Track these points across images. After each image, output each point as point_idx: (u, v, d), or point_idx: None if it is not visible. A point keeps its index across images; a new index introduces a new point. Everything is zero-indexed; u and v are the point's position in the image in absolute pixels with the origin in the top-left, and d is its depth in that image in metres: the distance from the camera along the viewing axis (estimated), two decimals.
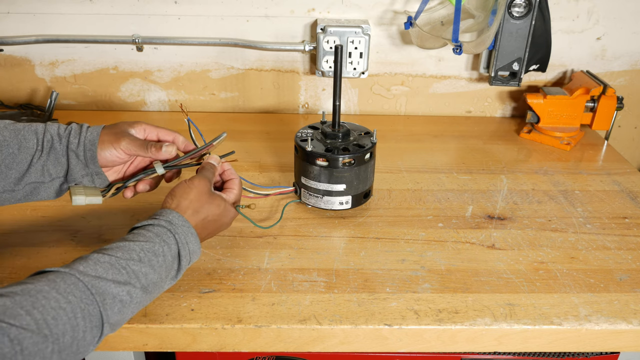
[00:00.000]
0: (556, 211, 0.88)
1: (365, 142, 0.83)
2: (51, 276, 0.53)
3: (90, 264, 0.56)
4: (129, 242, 0.60)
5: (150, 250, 0.60)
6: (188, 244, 0.63)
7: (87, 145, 0.68)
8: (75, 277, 0.54)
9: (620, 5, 1.14)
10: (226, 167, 0.75)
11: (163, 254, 0.61)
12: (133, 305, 0.57)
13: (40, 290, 0.51)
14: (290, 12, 1.13)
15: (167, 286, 0.63)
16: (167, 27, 1.13)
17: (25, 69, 1.18)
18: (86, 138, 0.69)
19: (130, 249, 0.59)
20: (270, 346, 0.66)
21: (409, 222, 0.84)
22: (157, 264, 0.60)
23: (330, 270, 0.73)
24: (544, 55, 1.11)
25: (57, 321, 0.50)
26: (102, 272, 0.55)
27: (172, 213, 0.64)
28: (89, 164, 0.69)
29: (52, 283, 0.52)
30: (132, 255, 0.58)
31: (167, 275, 0.62)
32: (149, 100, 1.22)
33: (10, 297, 0.49)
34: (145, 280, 0.58)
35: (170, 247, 0.62)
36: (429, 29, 1.08)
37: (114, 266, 0.57)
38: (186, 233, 0.64)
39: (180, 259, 0.63)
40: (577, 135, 1.12)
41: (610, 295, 0.70)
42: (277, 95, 1.22)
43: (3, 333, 0.46)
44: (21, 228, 0.80)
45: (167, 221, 0.63)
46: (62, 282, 0.53)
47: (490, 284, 0.71)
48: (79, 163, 0.68)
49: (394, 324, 0.65)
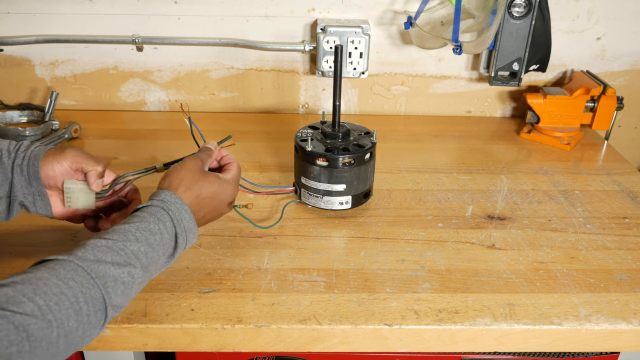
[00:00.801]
0: (556, 211, 0.88)
1: (365, 142, 0.83)
2: (50, 264, 0.54)
3: (88, 249, 0.56)
4: (124, 225, 0.60)
5: (146, 229, 0.60)
6: (182, 220, 0.64)
7: (30, 160, 0.66)
8: (74, 262, 0.54)
9: (620, 5, 1.14)
10: (224, 152, 0.76)
11: (160, 232, 0.61)
12: (135, 285, 0.58)
13: (41, 277, 0.52)
14: (290, 12, 1.13)
15: (163, 266, 0.63)
16: (167, 27, 1.13)
17: (25, 69, 1.18)
18: (32, 152, 0.67)
19: (126, 231, 0.59)
20: (270, 346, 0.66)
21: (409, 222, 0.84)
22: (154, 242, 0.60)
23: (330, 270, 0.73)
24: (544, 55, 1.11)
25: (60, 306, 0.51)
26: (100, 255, 0.56)
27: (164, 192, 0.65)
28: (32, 181, 0.66)
29: (52, 270, 0.53)
30: (129, 236, 0.59)
31: (164, 252, 0.62)
32: (149, 100, 1.22)
33: (12, 286, 0.50)
34: (145, 259, 0.59)
35: (165, 225, 0.62)
36: (429, 29, 1.08)
37: (112, 249, 0.57)
38: (179, 210, 0.64)
39: (177, 237, 0.63)
40: (577, 135, 1.12)
41: (610, 295, 0.70)
42: (277, 95, 1.22)
43: (8, 321, 0.47)
44: (21, 228, 0.80)
45: (160, 200, 0.64)
46: (62, 269, 0.53)
47: (490, 284, 0.71)
48: (22, 179, 0.66)
49: (394, 324, 0.65)
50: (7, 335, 0.46)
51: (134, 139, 1.09)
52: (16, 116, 1.12)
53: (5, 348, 0.46)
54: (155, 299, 0.67)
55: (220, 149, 0.75)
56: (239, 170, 0.75)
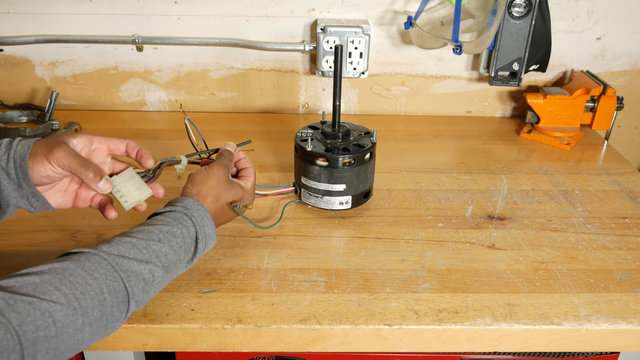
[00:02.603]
0: (556, 211, 0.88)
1: (365, 142, 0.83)
2: (76, 256, 0.55)
3: (112, 245, 0.58)
4: (148, 226, 0.61)
5: (169, 232, 0.61)
6: (204, 227, 0.65)
7: (17, 161, 0.60)
8: (100, 255, 0.56)
9: (620, 5, 1.14)
10: (241, 155, 0.77)
11: (182, 236, 0.62)
12: (155, 284, 0.59)
13: (67, 268, 0.53)
14: (290, 12, 1.13)
15: (183, 269, 0.64)
16: (167, 27, 1.13)
17: (25, 69, 1.17)
18: (16, 152, 0.60)
19: (149, 231, 0.60)
20: (270, 346, 0.66)
21: (409, 222, 0.84)
22: (176, 245, 0.61)
23: (330, 270, 0.73)
24: (544, 55, 1.11)
25: (85, 295, 0.52)
26: (124, 251, 0.57)
27: (188, 199, 0.66)
28: (22, 184, 0.61)
29: (77, 262, 0.54)
30: (152, 236, 0.60)
31: (184, 257, 0.63)
32: (149, 100, 1.22)
33: (39, 275, 0.51)
34: (165, 259, 0.60)
35: (188, 230, 0.63)
36: (429, 29, 1.08)
37: (135, 246, 0.58)
38: (202, 217, 0.65)
39: (197, 242, 0.64)
40: (577, 135, 1.12)
41: (610, 295, 0.70)
42: (277, 95, 1.22)
43: (35, 307, 0.48)
44: (21, 228, 0.80)
45: (183, 206, 0.64)
46: (87, 261, 0.55)
47: (490, 284, 0.71)
48: (11, 183, 0.61)
49: (394, 324, 0.65)
50: (33, 320, 0.48)
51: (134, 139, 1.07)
52: (16, 116, 1.12)
53: (32, 332, 0.47)
54: (155, 298, 0.67)
55: (239, 152, 0.76)
56: (255, 176, 0.76)
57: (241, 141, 0.78)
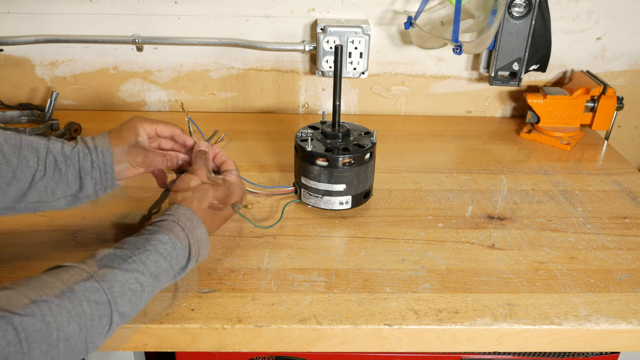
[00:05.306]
0: (556, 211, 0.88)
1: (365, 142, 0.83)
2: (56, 270, 0.55)
3: (95, 256, 0.57)
4: (135, 237, 0.62)
5: (157, 239, 0.61)
6: (195, 230, 0.65)
7: (101, 167, 0.69)
8: (80, 267, 0.55)
9: (620, 5, 1.14)
10: (216, 150, 0.77)
11: (171, 241, 0.62)
12: (145, 294, 0.59)
13: (45, 281, 0.52)
14: (290, 12, 1.13)
15: (178, 276, 0.64)
16: (167, 27, 1.13)
17: (25, 69, 1.18)
18: (98, 159, 0.69)
19: (135, 242, 0.60)
20: (270, 346, 0.66)
21: (409, 222, 0.84)
22: (165, 251, 0.61)
23: (330, 270, 0.73)
24: (544, 55, 1.11)
25: (61, 308, 0.51)
26: (107, 262, 0.57)
27: (173, 206, 0.66)
28: (106, 184, 0.70)
29: (56, 274, 0.54)
30: (138, 245, 0.60)
31: (177, 263, 0.63)
32: (149, 100, 1.22)
33: (15, 289, 0.50)
34: (155, 267, 0.59)
35: (177, 235, 0.63)
36: (429, 29, 1.08)
37: (119, 256, 0.58)
38: (191, 220, 0.65)
39: (190, 247, 0.64)
40: (577, 135, 1.12)
41: (610, 295, 0.70)
42: (277, 95, 1.22)
43: (7, 321, 0.47)
44: (21, 228, 0.80)
45: (170, 214, 0.65)
46: (66, 273, 0.54)
47: (490, 284, 0.71)
48: (94, 182, 0.69)
49: (394, 324, 0.65)
50: (4, 335, 0.46)
51: None
52: (16, 116, 1.12)
53: (2, 348, 0.46)
54: (155, 298, 0.67)
55: (213, 147, 0.76)
56: (236, 166, 0.76)
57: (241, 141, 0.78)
